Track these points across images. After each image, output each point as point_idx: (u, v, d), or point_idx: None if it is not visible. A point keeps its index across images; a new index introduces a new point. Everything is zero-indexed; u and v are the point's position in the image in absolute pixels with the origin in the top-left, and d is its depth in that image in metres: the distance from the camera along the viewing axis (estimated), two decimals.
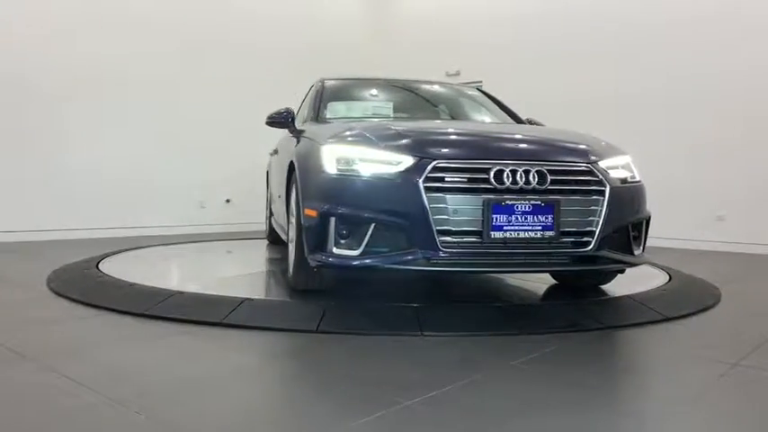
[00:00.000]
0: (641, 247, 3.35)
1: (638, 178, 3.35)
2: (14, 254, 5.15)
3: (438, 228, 2.80)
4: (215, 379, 2.15)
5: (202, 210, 7.32)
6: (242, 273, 4.20)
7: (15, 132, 6.07)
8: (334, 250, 2.94)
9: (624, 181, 3.20)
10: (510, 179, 2.88)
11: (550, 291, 3.73)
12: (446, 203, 2.82)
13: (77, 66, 6.44)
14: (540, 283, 3.98)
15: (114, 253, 4.93)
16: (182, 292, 3.28)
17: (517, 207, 2.85)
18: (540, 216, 2.88)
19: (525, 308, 3.30)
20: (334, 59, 7.95)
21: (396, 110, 4.32)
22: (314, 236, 3.00)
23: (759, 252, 6.18)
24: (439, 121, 4.25)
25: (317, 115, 4.09)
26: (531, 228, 2.87)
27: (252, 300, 3.18)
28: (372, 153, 2.98)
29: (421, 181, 2.82)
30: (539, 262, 3.03)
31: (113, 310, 3.08)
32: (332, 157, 3.03)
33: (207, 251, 5.59)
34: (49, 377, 2.12)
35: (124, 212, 6.73)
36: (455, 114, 4.56)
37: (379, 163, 2.94)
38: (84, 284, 3.60)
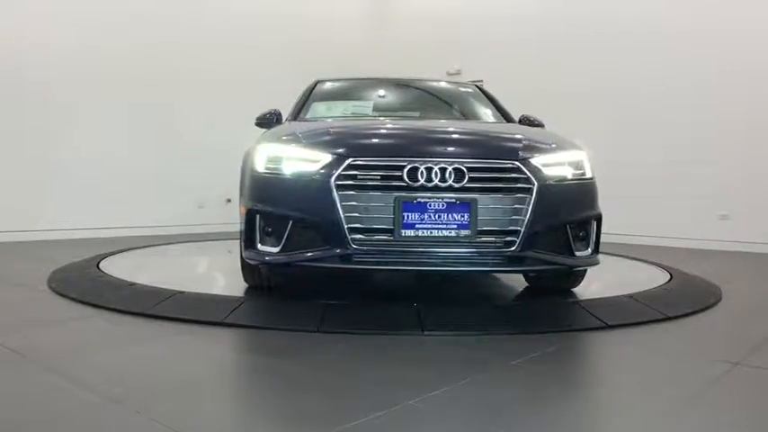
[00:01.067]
0: (589, 248, 3.19)
1: (588, 176, 3.23)
2: (15, 254, 5.15)
3: (350, 225, 2.81)
4: (215, 379, 2.15)
5: (202, 209, 7.32)
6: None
7: (15, 132, 6.07)
8: (260, 247, 3.01)
9: (563, 179, 3.07)
10: (424, 177, 2.83)
11: (550, 291, 3.73)
12: (358, 201, 2.83)
13: (77, 65, 6.43)
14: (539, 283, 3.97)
15: (115, 253, 4.93)
16: (182, 292, 3.27)
17: (430, 205, 2.81)
18: (454, 214, 2.81)
19: (526, 307, 3.30)
20: (334, 59, 7.94)
21: (376, 109, 4.31)
22: (245, 233, 3.08)
23: (761, 251, 6.17)
24: (389, 120, 4.11)
25: (296, 116, 4.16)
26: (445, 226, 2.81)
27: (253, 300, 3.18)
28: (296, 152, 3.05)
29: (333, 179, 2.84)
30: (458, 261, 2.92)
31: (114, 310, 3.08)
32: (263, 156, 3.11)
33: (207, 251, 5.59)
34: (49, 377, 2.11)
35: (124, 212, 6.73)
36: (437, 112, 4.50)
37: (301, 161, 3.00)
38: (85, 284, 3.60)
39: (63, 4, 6.39)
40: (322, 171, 2.89)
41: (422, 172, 2.84)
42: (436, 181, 2.83)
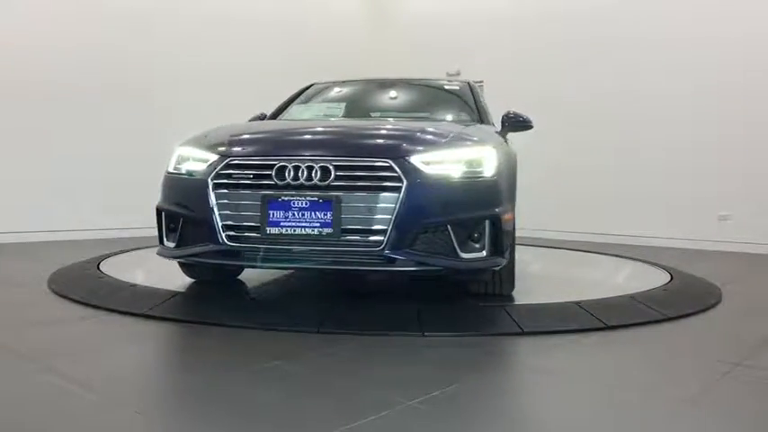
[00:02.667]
0: (484, 251, 2.99)
1: (486, 174, 3.03)
2: (15, 254, 5.15)
3: (224, 223, 2.92)
4: (215, 378, 2.15)
5: None
6: (244, 272, 4.19)
7: (15, 132, 6.07)
8: (165, 243, 3.26)
9: (446, 177, 2.94)
10: (291, 175, 2.88)
11: (551, 291, 3.73)
12: (230, 199, 2.94)
13: (76, 64, 6.43)
14: (540, 283, 3.97)
15: (115, 253, 4.93)
16: (182, 293, 3.28)
17: (294, 203, 2.85)
18: (317, 212, 2.83)
19: (527, 308, 3.29)
20: (334, 60, 7.94)
21: (347, 111, 4.32)
22: (158, 230, 3.31)
23: (761, 252, 6.17)
24: (315, 121, 4.15)
25: (274, 117, 4.32)
26: (308, 224, 2.83)
27: (254, 299, 3.18)
28: (194, 153, 3.20)
29: (210, 178, 2.98)
30: (323, 259, 2.91)
31: (114, 311, 3.08)
32: (174, 157, 3.32)
33: None
34: (49, 377, 2.11)
35: (125, 213, 6.72)
36: (405, 111, 4.47)
37: (195, 161, 3.16)
38: (85, 285, 3.59)
39: (61, 4, 6.39)
40: (205, 170, 3.04)
41: (289, 171, 2.89)
42: (302, 180, 2.87)
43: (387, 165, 2.87)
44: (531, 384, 2.20)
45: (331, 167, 2.87)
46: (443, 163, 2.98)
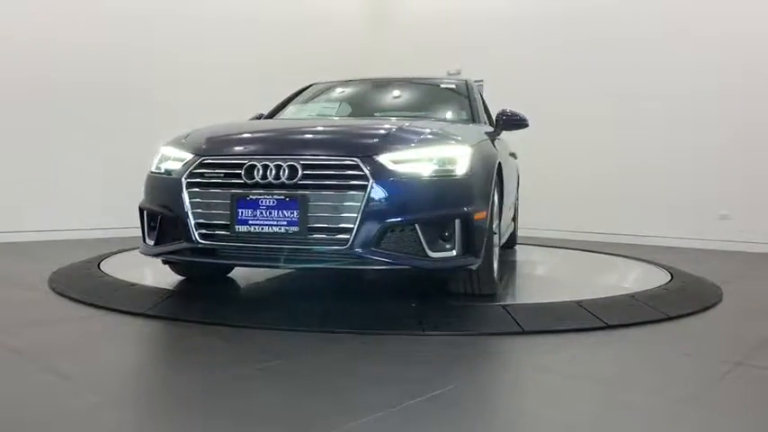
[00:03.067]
0: (455, 250, 2.96)
1: (458, 173, 3.00)
2: (16, 254, 5.15)
3: (197, 221, 2.99)
4: (216, 377, 2.15)
5: None
6: (245, 272, 4.19)
7: (15, 132, 6.07)
8: (146, 241, 3.34)
9: (415, 176, 2.92)
10: (260, 174, 2.91)
11: (551, 291, 3.73)
12: (202, 198, 3.01)
13: (76, 64, 6.43)
14: (541, 282, 3.97)
15: (115, 253, 4.93)
16: (183, 292, 3.28)
17: (262, 202, 2.88)
18: (285, 211, 2.86)
19: (528, 307, 3.29)
20: (335, 60, 7.94)
21: (339, 111, 4.41)
22: (141, 229, 3.39)
23: (762, 251, 6.17)
24: (295, 120, 4.17)
25: (270, 117, 4.34)
26: (275, 223, 2.86)
27: (254, 300, 3.18)
28: (174, 152, 3.25)
29: (184, 177, 3.05)
30: (291, 257, 2.93)
31: (115, 310, 3.08)
32: (157, 157, 3.37)
33: None
34: (49, 376, 2.11)
35: (125, 213, 6.72)
36: (397, 110, 4.47)
37: (173, 161, 3.21)
38: (86, 284, 3.60)
39: (59, 3, 6.39)
40: (180, 170, 3.11)
41: (258, 170, 2.92)
42: (270, 178, 2.90)
43: (354, 163, 2.88)
44: (532, 384, 2.20)
45: (299, 166, 2.89)
46: (413, 162, 2.96)
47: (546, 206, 7.03)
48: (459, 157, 3.05)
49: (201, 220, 2.99)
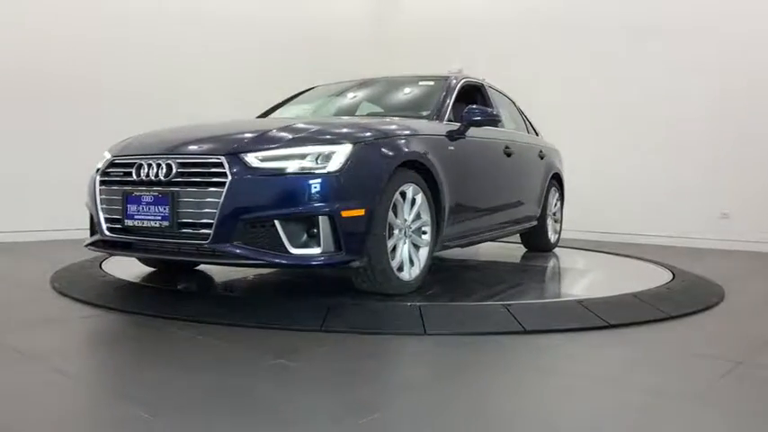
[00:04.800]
0: (320, 247, 2.93)
1: (328, 170, 2.96)
2: (17, 253, 5.16)
3: (105, 216, 3.28)
4: (219, 376, 2.14)
5: None
6: (245, 272, 4.20)
7: (15, 131, 6.07)
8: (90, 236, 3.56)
9: (278, 172, 2.94)
10: (144, 172, 3.15)
11: (552, 289, 3.73)
12: (107, 194, 3.29)
13: (78, 65, 6.43)
14: (542, 281, 3.97)
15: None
16: (185, 292, 3.28)
17: (143, 198, 3.11)
18: (159, 207, 3.06)
19: (529, 307, 3.29)
20: (335, 60, 7.94)
21: (327, 113, 4.53)
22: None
23: (763, 250, 6.17)
24: (251, 119, 4.33)
25: (264, 116, 4.52)
26: (152, 217, 3.08)
27: (254, 299, 3.17)
28: (105, 153, 3.52)
29: (99, 175, 3.38)
30: (166, 251, 3.13)
31: (117, 310, 3.08)
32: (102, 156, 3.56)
33: None
34: (51, 376, 2.11)
35: None
36: (385, 109, 4.52)
37: (101, 161, 3.48)
38: (88, 284, 3.60)
39: (59, 3, 6.39)
40: (98, 169, 3.43)
41: (143, 168, 3.15)
42: (151, 176, 3.12)
43: (218, 161, 2.99)
44: (534, 383, 2.20)
45: (174, 165, 3.08)
46: (281, 159, 2.99)
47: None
48: (335, 155, 3.02)
49: (107, 215, 3.28)
